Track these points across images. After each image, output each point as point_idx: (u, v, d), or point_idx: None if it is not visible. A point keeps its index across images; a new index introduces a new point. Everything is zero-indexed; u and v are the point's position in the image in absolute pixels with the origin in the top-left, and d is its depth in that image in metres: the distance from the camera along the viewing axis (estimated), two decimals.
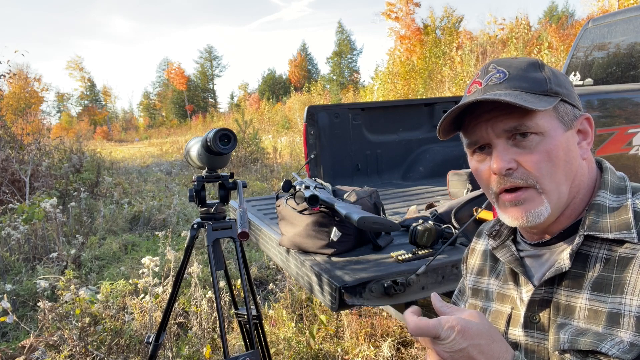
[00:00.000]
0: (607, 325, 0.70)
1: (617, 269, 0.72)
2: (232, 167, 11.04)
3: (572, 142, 0.78)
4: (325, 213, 1.82)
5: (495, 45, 18.69)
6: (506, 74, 0.77)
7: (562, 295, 0.77)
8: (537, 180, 0.75)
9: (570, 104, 0.78)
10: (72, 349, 2.67)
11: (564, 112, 0.77)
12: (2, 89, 12.76)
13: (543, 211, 0.76)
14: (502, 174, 0.76)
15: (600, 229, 0.75)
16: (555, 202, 0.76)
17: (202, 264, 4.06)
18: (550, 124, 0.75)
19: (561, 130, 0.76)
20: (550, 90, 0.76)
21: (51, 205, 5.09)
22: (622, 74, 3.27)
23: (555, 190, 0.76)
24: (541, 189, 0.76)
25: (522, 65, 0.78)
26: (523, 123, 0.74)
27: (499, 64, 0.80)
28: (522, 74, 0.77)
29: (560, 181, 0.76)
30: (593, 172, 0.82)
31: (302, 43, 76.64)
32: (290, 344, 2.83)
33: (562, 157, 0.75)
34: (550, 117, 0.76)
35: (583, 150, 0.79)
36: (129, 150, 22.45)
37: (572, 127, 0.78)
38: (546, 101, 0.74)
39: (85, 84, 58.46)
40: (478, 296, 0.95)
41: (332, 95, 31.83)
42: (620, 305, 0.70)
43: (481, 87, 0.79)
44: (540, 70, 0.78)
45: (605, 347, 0.69)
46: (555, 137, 0.75)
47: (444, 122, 0.81)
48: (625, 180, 0.81)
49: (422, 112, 3.58)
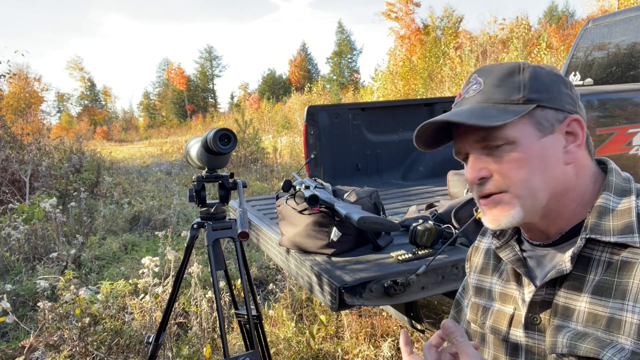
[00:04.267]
0: (607, 330, 0.70)
1: (619, 273, 0.71)
2: (232, 167, 11.04)
3: (551, 147, 0.76)
4: (325, 213, 1.82)
5: (495, 45, 18.70)
6: (481, 85, 0.79)
7: (562, 297, 0.77)
8: (508, 188, 0.76)
9: (553, 108, 0.76)
10: (72, 349, 2.67)
11: (542, 118, 0.76)
12: (2, 89, 12.76)
13: (515, 215, 0.76)
14: (476, 183, 0.79)
15: (602, 232, 0.74)
16: (529, 206, 0.76)
17: (202, 264, 4.06)
18: (522, 132, 0.75)
19: (536, 137, 0.75)
20: (523, 98, 0.75)
21: (51, 205, 5.09)
22: (622, 74, 3.27)
23: (529, 196, 0.76)
24: (514, 195, 0.76)
25: (500, 73, 0.78)
26: (490, 134, 0.75)
27: (480, 74, 0.81)
28: (497, 83, 0.77)
29: (534, 187, 0.75)
30: (585, 175, 0.80)
31: (302, 43, 76.66)
32: (290, 344, 2.83)
33: (536, 164, 0.75)
34: (524, 124, 0.75)
35: (569, 154, 0.77)
36: (129, 150, 22.45)
37: (553, 132, 0.76)
38: (513, 112, 0.74)
39: (85, 84, 58.47)
40: (481, 295, 0.95)
41: (332, 95, 31.83)
42: (622, 311, 0.69)
43: (460, 99, 0.82)
44: (517, 76, 0.77)
45: (607, 354, 0.68)
46: (528, 145, 0.75)
47: (422, 138, 0.84)
48: (631, 181, 0.80)
49: (422, 112, 3.58)
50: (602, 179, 0.81)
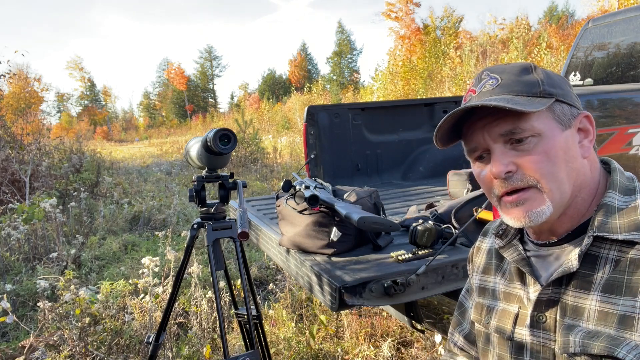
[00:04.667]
0: (619, 328, 0.70)
1: (629, 270, 0.72)
2: (232, 167, 11.03)
3: (572, 141, 0.78)
4: (325, 213, 1.82)
5: (495, 46, 18.70)
6: (499, 80, 0.79)
7: (570, 296, 0.77)
8: (537, 181, 0.76)
9: (567, 103, 0.78)
10: (72, 349, 2.67)
11: (560, 112, 0.77)
12: (2, 89, 12.76)
13: (545, 210, 0.76)
14: (501, 177, 0.77)
15: (610, 229, 0.74)
16: (557, 201, 0.76)
17: (202, 264, 4.06)
18: (546, 125, 0.76)
19: (558, 130, 0.76)
20: (544, 91, 0.76)
21: (51, 205, 5.09)
22: (622, 74, 3.27)
23: (557, 190, 0.76)
24: (542, 189, 0.76)
25: (514, 70, 0.79)
26: (518, 126, 0.75)
27: (492, 71, 0.81)
28: (515, 78, 0.78)
29: (561, 180, 0.76)
30: (596, 171, 0.82)
31: (302, 43, 76.66)
32: (290, 344, 2.83)
33: (562, 157, 0.76)
34: (546, 118, 0.76)
35: (584, 149, 0.79)
36: (129, 150, 22.44)
37: (570, 127, 0.78)
38: (539, 103, 0.75)
39: (85, 84, 58.45)
40: (485, 295, 0.95)
41: (332, 95, 31.83)
42: (634, 308, 0.69)
43: (475, 94, 0.80)
44: (532, 73, 0.78)
45: (622, 352, 0.68)
46: (553, 137, 0.76)
47: (440, 131, 0.83)
48: (634, 180, 0.81)
49: (422, 112, 3.58)
50: (607, 178, 0.82)
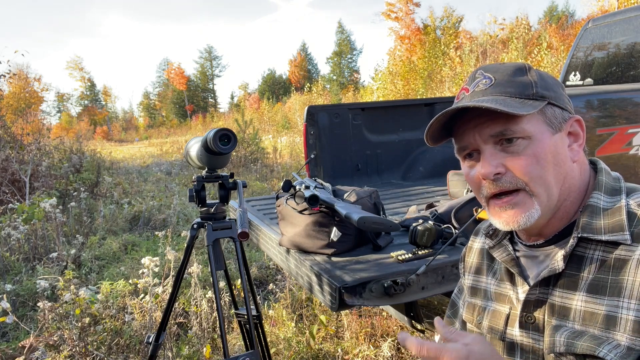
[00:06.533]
0: (604, 327, 0.70)
1: (613, 271, 0.72)
2: (232, 167, 11.03)
3: (561, 144, 0.78)
4: (325, 213, 1.82)
5: (495, 45, 18.70)
6: (492, 80, 0.78)
7: (557, 296, 0.77)
8: (526, 184, 0.76)
9: (559, 106, 0.78)
10: (72, 349, 2.67)
11: (552, 116, 0.77)
12: (2, 89, 12.76)
13: (533, 214, 0.76)
14: (490, 179, 0.77)
15: (594, 230, 0.75)
16: (545, 204, 0.76)
17: (202, 264, 4.06)
18: (536, 128, 0.75)
19: (549, 133, 0.76)
20: (536, 94, 0.76)
21: (51, 205, 5.09)
22: (622, 74, 3.27)
23: (545, 193, 0.76)
24: (531, 192, 0.76)
25: (509, 70, 0.79)
26: (508, 128, 0.75)
27: (486, 70, 0.81)
28: (508, 79, 0.77)
29: (550, 184, 0.76)
30: (585, 173, 0.82)
31: (302, 43, 76.65)
32: (290, 344, 2.83)
33: (551, 160, 0.76)
34: (537, 120, 0.76)
35: (574, 153, 0.79)
36: (129, 150, 22.44)
37: (561, 130, 0.78)
38: (531, 105, 0.74)
39: (85, 84, 58.46)
40: (477, 295, 0.95)
41: (332, 95, 31.83)
42: (617, 307, 0.70)
43: (468, 93, 0.80)
44: (526, 75, 0.78)
45: (603, 351, 0.69)
46: (543, 140, 0.75)
47: (431, 129, 0.82)
48: (620, 180, 0.81)
49: (422, 112, 3.58)
50: (591, 178, 0.82)
